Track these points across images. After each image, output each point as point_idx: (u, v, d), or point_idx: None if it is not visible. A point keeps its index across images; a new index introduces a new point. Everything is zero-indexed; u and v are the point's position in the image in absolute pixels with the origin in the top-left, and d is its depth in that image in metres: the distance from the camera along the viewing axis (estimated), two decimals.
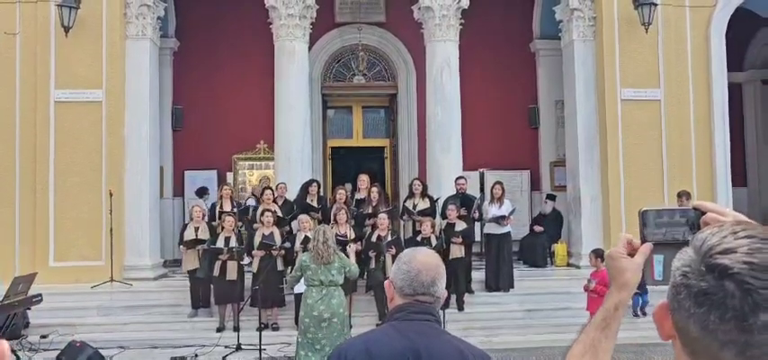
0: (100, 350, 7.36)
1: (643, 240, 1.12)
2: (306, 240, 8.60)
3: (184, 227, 9.84)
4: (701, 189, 11.04)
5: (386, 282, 2.10)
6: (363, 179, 10.60)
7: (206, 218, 9.76)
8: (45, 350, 8.33)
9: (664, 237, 1.09)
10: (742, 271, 0.79)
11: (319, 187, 10.30)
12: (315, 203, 9.91)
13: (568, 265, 11.37)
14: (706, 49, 11.26)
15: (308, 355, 6.11)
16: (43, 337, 8.67)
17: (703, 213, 1.03)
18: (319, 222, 8.85)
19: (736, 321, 0.78)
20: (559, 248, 11.57)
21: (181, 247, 9.62)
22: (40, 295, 8.56)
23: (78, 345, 6.86)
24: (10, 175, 10.31)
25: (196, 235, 9.39)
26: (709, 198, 10.99)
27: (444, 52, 11.10)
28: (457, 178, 10.43)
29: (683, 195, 9.85)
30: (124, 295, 9.82)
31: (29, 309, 8.75)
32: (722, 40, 11.28)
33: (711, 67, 11.23)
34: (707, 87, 11.24)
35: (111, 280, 9.96)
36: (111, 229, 10.00)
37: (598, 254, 7.80)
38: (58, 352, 6.97)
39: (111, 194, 10.04)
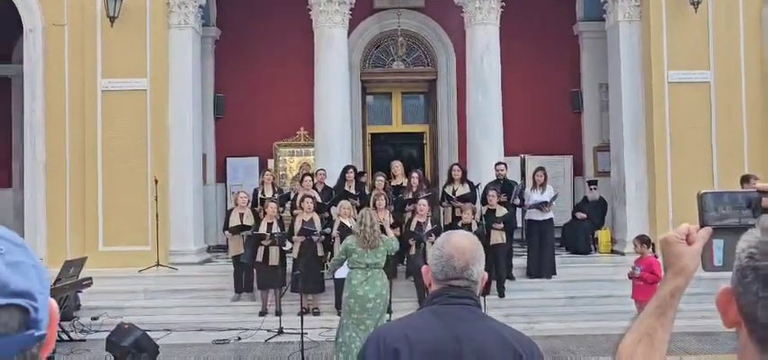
0: (147, 332, 7.57)
1: (702, 225, 1.06)
2: (342, 227, 8.65)
3: (229, 212, 10.01)
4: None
5: (423, 267, 2.05)
6: (397, 166, 10.58)
7: (250, 203, 9.89)
8: (95, 331, 8.62)
9: (724, 221, 1.03)
10: None
11: (356, 173, 10.33)
12: (352, 189, 9.94)
13: (612, 251, 11.14)
14: (759, 28, 10.79)
15: (352, 336, 6.22)
16: (94, 318, 8.98)
17: (765, 194, 0.97)
18: (358, 209, 8.88)
19: None
20: (603, 235, 11.34)
21: (226, 232, 9.80)
22: (91, 278, 8.85)
23: (126, 326, 7.05)
24: (61, 163, 10.65)
25: (241, 221, 9.54)
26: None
27: (485, 36, 10.94)
28: (496, 164, 10.31)
29: (751, 179, 9.11)
30: (169, 279, 10.06)
31: (80, 291, 9.07)
32: None
33: (764, 46, 10.76)
34: (760, 68, 10.79)
35: (158, 265, 10.21)
36: (156, 215, 10.24)
37: (643, 240, 7.60)
38: (108, 333, 7.19)
39: (156, 181, 10.27)
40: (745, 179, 8.95)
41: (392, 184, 10.39)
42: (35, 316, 0.68)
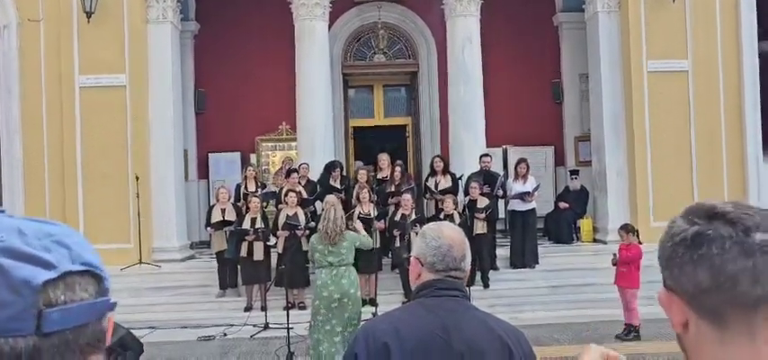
0: (131, 330, 7.53)
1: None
2: None
3: (211, 208, 9.95)
4: (731, 163, 10.82)
5: (412, 259, 2.02)
6: (384, 158, 10.59)
7: (231, 199, 9.84)
8: None
9: None
10: (724, 208, 0.81)
11: (342, 169, 10.33)
12: (337, 184, 9.93)
13: (594, 240, 11.26)
14: (735, 17, 10.95)
15: (319, 339, 5.98)
16: None
17: None
18: (343, 202, 8.87)
19: (738, 246, 0.77)
20: (585, 224, 11.46)
21: (208, 228, 9.74)
22: None
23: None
24: (39, 162, 10.50)
25: (223, 216, 9.48)
26: (740, 173, 10.80)
27: (465, 28, 10.97)
28: (481, 155, 10.36)
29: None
30: (153, 277, 9.98)
31: None
32: (752, 7, 10.96)
33: (741, 36, 10.92)
34: (736, 57, 10.95)
35: (140, 262, 10.12)
36: (138, 213, 10.14)
37: (628, 229, 7.72)
38: None
39: (137, 178, 10.17)
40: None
41: (377, 176, 10.39)
42: (107, 285, 0.72)
